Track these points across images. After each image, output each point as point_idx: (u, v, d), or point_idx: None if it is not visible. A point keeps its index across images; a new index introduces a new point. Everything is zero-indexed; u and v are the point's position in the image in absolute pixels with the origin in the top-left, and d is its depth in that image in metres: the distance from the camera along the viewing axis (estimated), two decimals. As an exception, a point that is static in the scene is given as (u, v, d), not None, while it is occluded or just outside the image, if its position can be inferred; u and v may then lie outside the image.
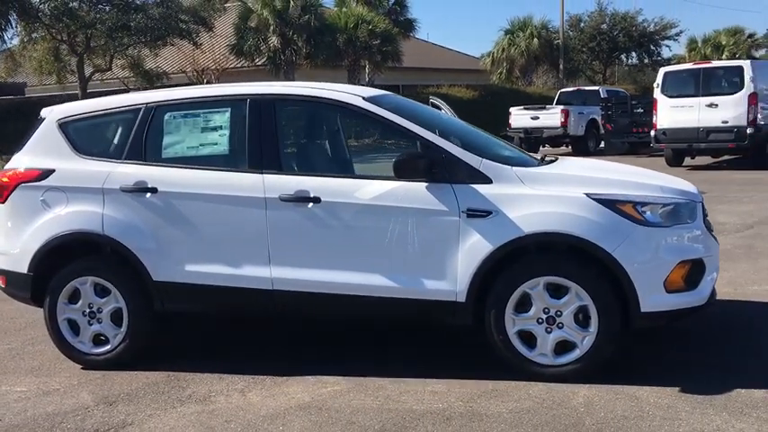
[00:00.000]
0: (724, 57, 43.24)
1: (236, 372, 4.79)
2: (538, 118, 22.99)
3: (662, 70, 17.39)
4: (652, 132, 16.69)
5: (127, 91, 26.76)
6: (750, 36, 47.86)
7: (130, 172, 4.89)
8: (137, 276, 4.88)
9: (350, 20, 30.69)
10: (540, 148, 21.57)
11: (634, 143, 20.87)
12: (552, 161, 5.06)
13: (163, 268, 4.82)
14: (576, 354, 4.31)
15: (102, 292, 4.96)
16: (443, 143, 4.54)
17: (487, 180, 4.40)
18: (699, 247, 4.41)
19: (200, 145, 4.94)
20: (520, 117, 23.50)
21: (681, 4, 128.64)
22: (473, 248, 4.33)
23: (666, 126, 16.37)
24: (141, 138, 4.97)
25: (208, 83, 30.53)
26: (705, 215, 4.68)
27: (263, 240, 4.66)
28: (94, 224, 4.88)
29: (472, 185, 4.39)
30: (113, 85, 26.52)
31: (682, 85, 16.53)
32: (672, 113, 16.27)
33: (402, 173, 4.40)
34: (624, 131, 20.98)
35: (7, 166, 5.27)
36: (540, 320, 4.34)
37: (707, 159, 17.71)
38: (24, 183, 5.06)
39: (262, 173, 4.68)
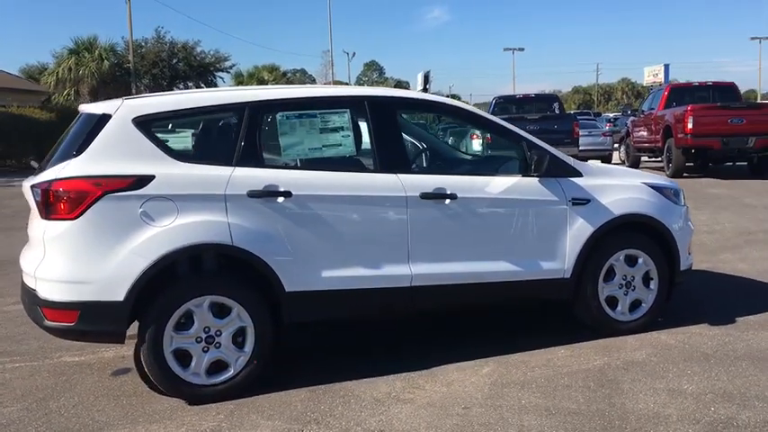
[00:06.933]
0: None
1: (362, 376, 4.72)
2: None
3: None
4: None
5: None
6: (284, 74, 53.90)
7: (256, 175, 4.44)
8: (267, 289, 4.45)
9: None
10: None
11: None
12: None
13: (297, 277, 4.50)
14: (644, 309, 5.47)
15: (220, 311, 4.37)
16: (543, 143, 5.27)
17: (579, 174, 5.28)
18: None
19: (323, 146, 4.73)
20: None
21: (232, 40, 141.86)
22: (578, 231, 5.17)
23: None
24: (254, 139, 4.54)
25: None
26: None
27: (404, 238, 4.74)
28: (221, 235, 4.30)
29: (570, 179, 5.22)
30: None
31: None
32: None
33: (536, 169, 5.02)
34: None
35: (61, 175, 4.18)
36: (621, 286, 5.39)
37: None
38: (112, 192, 4.16)
39: (395, 173, 4.76)
